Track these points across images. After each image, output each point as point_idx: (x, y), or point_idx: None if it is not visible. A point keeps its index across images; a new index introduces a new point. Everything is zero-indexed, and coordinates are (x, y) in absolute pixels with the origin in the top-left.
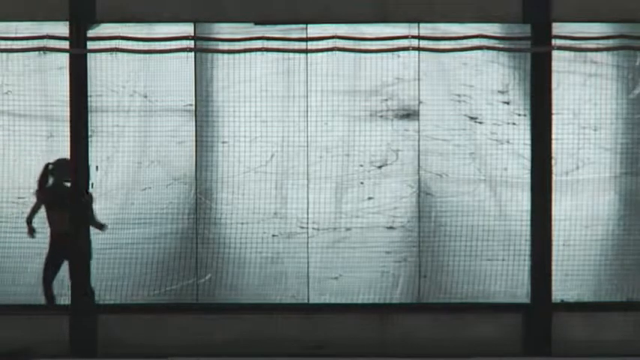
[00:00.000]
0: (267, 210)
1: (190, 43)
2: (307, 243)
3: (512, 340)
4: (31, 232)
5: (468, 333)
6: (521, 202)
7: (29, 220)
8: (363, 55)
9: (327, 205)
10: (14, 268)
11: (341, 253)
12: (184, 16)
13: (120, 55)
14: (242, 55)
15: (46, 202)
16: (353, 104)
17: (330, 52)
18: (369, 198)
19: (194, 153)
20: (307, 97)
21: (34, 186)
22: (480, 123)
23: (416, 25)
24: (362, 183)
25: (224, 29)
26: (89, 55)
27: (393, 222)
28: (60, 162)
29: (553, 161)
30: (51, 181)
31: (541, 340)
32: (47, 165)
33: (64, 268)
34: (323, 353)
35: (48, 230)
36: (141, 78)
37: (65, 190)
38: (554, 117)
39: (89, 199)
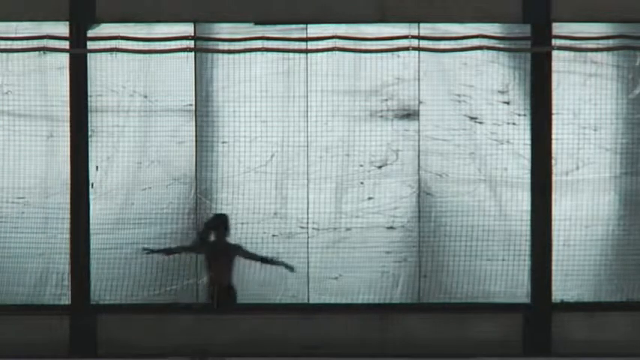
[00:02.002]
0: (267, 210)
1: (190, 43)
2: (307, 243)
3: (512, 340)
4: (152, 253)
5: (468, 333)
6: (521, 202)
7: (170, 252)
8: (363, 55)
9: (327, 205)
10: (14, 268)
11: (341, 253)
12: (184, 16)
13: (120, 55)
14: (242, 55)
15: (207, 255)
16: (353, 104)
17: (330, 52)
18: (369, 198)
19: (194, 153)
20: (307, 97)
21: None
22: (480, 123)
23: (416, 25)
24: (362, 183)
25: (224, 29)
26: (89, 55)
27: (393, 222)
28: (221, 218)
29: (553, 161)
30: (213, 235)
31: (541, 340)
32: (210, 221)
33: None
34: (323, 353)
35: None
36: (141, 78)
37: (226, 245)
38: (554, 117)
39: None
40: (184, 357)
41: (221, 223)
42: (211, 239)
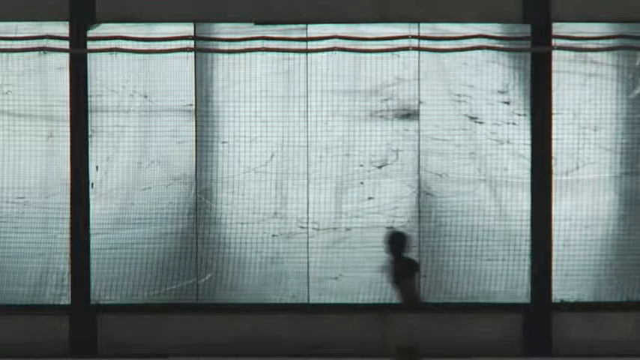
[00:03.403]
0: (267, 210)
1: (190, 43)
2: (307, 243)
3: (512, 340)
4: None
5: (468, 333)
6: (521, 202)
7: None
8: (363, 55)
9: (327, 205)
10: (14, 268)
11: (341, 253)
12: (184, 16)
13: (120, 55)
14: (242, 55)
15: (394, 272)
16: (353, 104)
17: (330, 52)
18: (369, 198)
19: (194, 153)
20: (307, 97)
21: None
22: (480, 123)
23: (416, 25)
24: (362, 183)
25: (224, 29)
26: (89, 55)
27: (393, 222)
28: (394, 236)
29: (553, 161)
30: (392, 254)
31: (541, 340)
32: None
33: None
34: (323, 353)
35: None
36: (141, 78)
37: (405, 260)
38: (554, 117)
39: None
40: (183, 357)
41: (400, 239)
42: (394, 256)
